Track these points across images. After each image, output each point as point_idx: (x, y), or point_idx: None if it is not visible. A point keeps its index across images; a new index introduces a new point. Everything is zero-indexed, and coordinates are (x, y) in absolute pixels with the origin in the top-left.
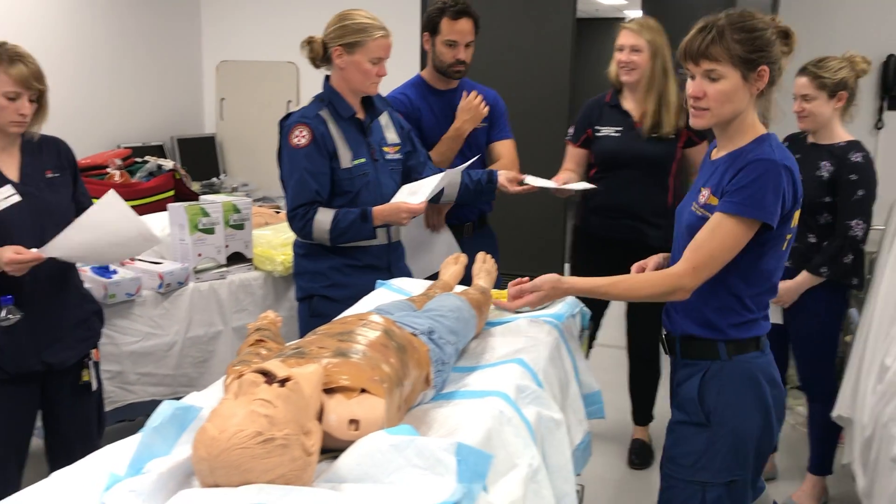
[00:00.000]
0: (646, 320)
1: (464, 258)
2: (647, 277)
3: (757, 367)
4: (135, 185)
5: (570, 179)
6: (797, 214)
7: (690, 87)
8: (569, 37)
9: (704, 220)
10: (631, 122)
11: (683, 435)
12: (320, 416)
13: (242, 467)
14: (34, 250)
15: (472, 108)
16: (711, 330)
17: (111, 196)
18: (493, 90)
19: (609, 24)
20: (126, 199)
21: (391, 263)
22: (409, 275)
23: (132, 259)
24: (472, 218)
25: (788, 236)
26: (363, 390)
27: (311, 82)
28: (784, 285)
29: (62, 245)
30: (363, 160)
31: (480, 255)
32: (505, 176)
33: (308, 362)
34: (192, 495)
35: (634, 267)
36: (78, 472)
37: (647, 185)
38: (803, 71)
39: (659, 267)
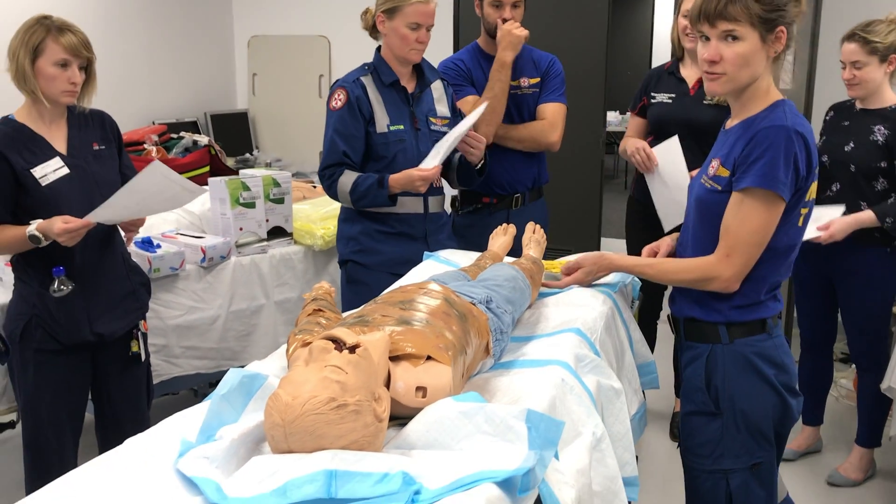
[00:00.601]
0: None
1: (512, 229)
2: (682, 263)
3: (761, 351)
4: (171, 161)
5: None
6: (814, 187)
7: (704, 50)
8: (605, 12)
9: (713, 192)
10: (685, 89)
11: (696, 425)
12: (387, 384)
13: (317, 433)
14: (83, 218)
15: (506, 33)
16: (712, 312)
17: (156, 165)
18: (552, 54)
19: (641, 2)
20: None
21: (428, 234)
22: (448, 247)
23: (176, 235)
24: (521, 190)
25: (804, 211)
26: (429, 358)
27: (343, 56)
28: (840, 220)
29: (108, 211)
30: (401, 127)
31: (530, 226)
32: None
33: (372, 330)
34: (267, 461)
35: (646, 250)
36: (150, 439)
37: (698, 152)
38: (851, 37)
39: (671, 250)
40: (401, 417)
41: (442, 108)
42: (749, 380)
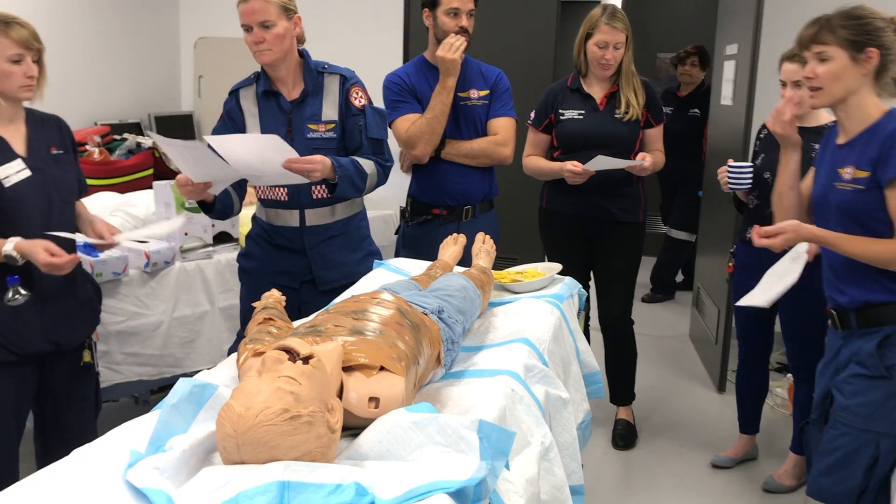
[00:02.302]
0: (615, 300)
1: (462, 238)
2: (883, 243)
3: None
4: (114, 164)
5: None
6: None
7: (804, 70)
8: (553, 20)
9: (857, 192)
10: (594, 104)
11: (862, 387)
12: (340, 395)
13: (269, 444)
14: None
15: (440, 60)
16: (891, 293)
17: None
18: (499, 68)
19: (591, 7)
20: (105, 178)
21: (308, 247)
22: (333, 263)
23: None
24: (472, 202)
25: None
26: (382, 368)
27: None
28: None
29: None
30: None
31: (479, 236)
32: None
33: (325, 340)
34: (219, 472)
35: (759, 234)
36: (99, 450)
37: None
38: (793, 58)
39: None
40: (353, 428)
41: (329, 112)
42: None
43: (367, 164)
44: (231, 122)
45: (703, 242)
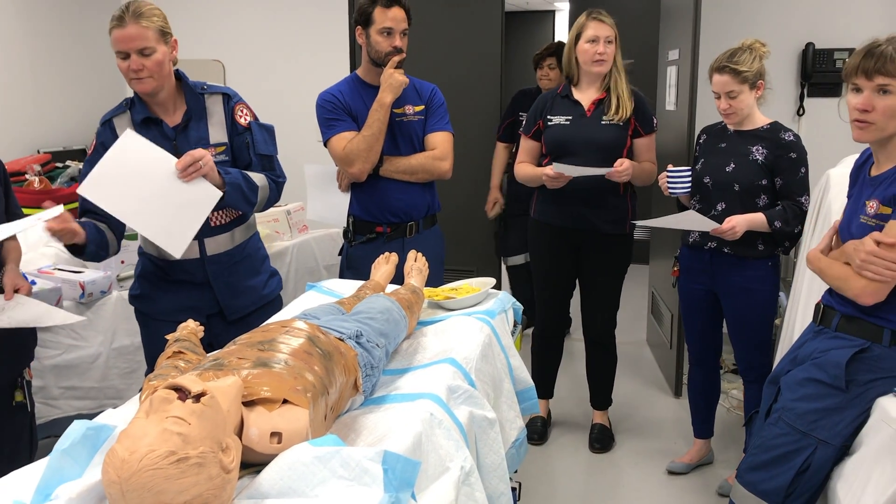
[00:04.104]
0: (601, 310)
1: (394, 257)
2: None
3: None
4: (55, 192)
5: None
6: None
7: (857, 100)
8: (498, 29)
9: (879, 229)
10: (581, 111)
11: (816, 391)
12: (242, 431)
13: (155, 489)
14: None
15: (388, 76)
16: (879, 318)
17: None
18: (433, 84)
19: (540, 17)
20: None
21: (211, 278)
22: (239, 291)
23: (53, 270)
24: (416, 217)
25: None
26: (285, 401)
27: (238, 80)
28: (737, 217)
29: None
30: None
31: (412, 254)
32: None
33: (227, 374)
34: None
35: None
36: None
37: (603, 166)
38: (722, 69)
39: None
40: (257, 464)
41: (217, 134)
42: (887, 384)
43: (258, 177)
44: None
45: (655, 246)
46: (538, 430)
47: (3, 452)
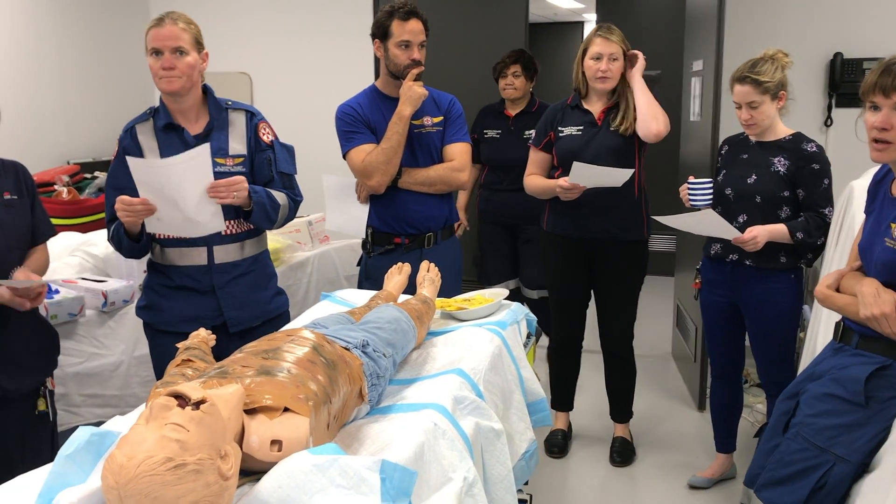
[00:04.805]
0: (618, 320)
1: (407, 267)
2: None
3: None
4: (83, 202)
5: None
6: None
7: (875, 118)
8: (522, 41)
9: None
10: (592, 120)
11: (835, 407)
12: (243, 438)
13: (152, 495)
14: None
15: (407, 89)
16: None
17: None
18: (451, 94)
19: (568, 28)
20: (73, 217)
21: (216, 287)
22: (244, 302)
23: (77, 280)
24: (433, 228)
25: None
26: (286, 409)
27: (265, 93)
28: (758, 227)
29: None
30: None
31: (424, 265)
32: None
33: (230, 382)
34: None
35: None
36: None
37: (617, 166)
38: (743, 80)
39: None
40: (258, 472)
41: (237, 146)
42: None
43: (280, 196)
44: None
45: (680, 258)
46: (558, 444)
47: (25, 460)
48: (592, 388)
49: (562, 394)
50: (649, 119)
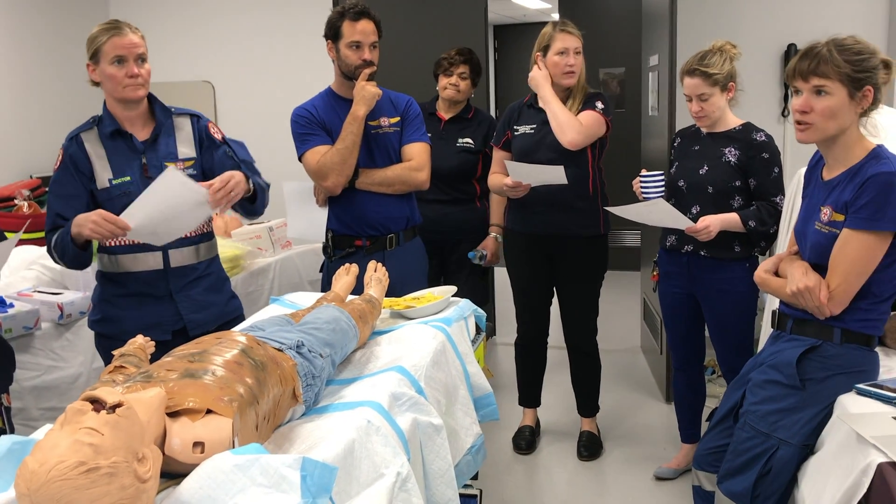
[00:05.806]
0: (580, 315)
1: (355, 268)
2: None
3: (867, 361)
4: (42, 216)
5: None
6: None
7: (797, 102)
8: (482, 42)
9: (831, 236)
10: (545, 118)
11: (775, 393)
12: (165, 441)
13: (65, 500)
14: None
15: (360, 88)
16: (829, 319)
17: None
18: (408, 95)
19: (536, 29)
20: (34, 230)
21: (173, 292)
22: (202, 305)
23: (32, 292)
24: (395, 230)
25: None
26: (210, 411)
27: (228, 102)
28: (710, 217)
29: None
30: (127, 178)
31: (371, 264)
32: None
33: (153, 386)
34: None
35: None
36: None
37: (569, 164)
38: (693, 72)
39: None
40: (181, 475)
41: (185, 150)
42: (848, 381)
43: (262, 181)
44: (74, 167)
45: (645, 252)
46: (526, 440)
47: None
48: (559, 384)
49: (529, 391)
50: (557, 132)
